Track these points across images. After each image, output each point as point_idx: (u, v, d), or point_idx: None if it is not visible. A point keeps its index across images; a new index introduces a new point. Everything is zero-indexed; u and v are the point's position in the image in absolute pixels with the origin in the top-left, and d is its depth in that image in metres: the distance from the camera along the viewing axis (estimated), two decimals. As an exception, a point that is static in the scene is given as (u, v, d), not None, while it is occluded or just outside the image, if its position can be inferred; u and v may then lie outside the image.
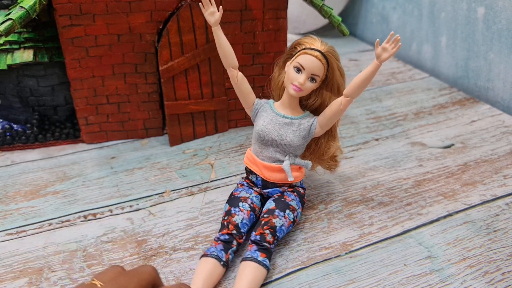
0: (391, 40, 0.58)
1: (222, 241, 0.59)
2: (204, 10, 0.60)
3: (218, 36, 0.61)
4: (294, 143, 0.63)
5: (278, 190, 0.66)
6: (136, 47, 0.80)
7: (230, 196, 0.65)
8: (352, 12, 1.49)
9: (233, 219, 0.61)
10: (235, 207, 0.63)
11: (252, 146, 0.66)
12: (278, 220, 0.60)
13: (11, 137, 0.84)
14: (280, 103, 0.64)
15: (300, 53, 0.60)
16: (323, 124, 0.63)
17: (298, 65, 0.60)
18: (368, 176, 0.77)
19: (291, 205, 0.63)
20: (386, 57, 0.58)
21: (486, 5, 1.02)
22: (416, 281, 0.57)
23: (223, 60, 0.62)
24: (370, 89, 1.09)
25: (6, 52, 0.82)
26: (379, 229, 0.66)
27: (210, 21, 0.61)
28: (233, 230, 0.60)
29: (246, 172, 0.68)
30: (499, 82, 1.02)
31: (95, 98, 0.82)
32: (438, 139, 0.88)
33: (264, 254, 0.57)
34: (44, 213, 0.69)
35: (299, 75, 0.60)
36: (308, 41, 0.61)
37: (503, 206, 0.70)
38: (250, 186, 0.67)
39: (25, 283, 0.57)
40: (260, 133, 0.63)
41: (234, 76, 0.63)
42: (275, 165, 0.64)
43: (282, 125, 0.62)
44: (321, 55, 0.60)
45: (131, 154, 0.84)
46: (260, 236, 0.59)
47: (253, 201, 0.64)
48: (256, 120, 0.65)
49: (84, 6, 0.75)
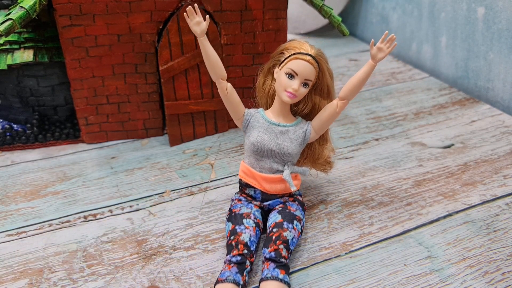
0: (386, 39, 0.57)
1: (235, 263, 0.55)
2: (189, 20, 0.57)
3: (205, 47, 0.58)
4: (292, 152, 0.61)
5: (279, 201, 0.64)
6: (136, 47, 0.80)
7: (230, 214, 0.62)
8: (352, 12, 1.49)
9: (241, 238, 0.57)
10: (239, 225, 0.59)
11: (246, 159, 0.64)
12: (288, 233, 0.58)
13: (11, 137, 0.84)
14: (272, 112, 0.62)
15: (291, 59, 0.58)
16: (318, 128, 0.62)
17: (290, 71, 0.58)
18: (368, 176, 0.77)
19: (297, 216, 0.61)
20: (381, 57, 0.58)
21: (486, 5, 1.02)
22: (416, 281, 0.57)
23: (212, 72, 0.59)
24: (370, 89, 1.09)
25: (6, 52, 0.82)
26: (379, 229, 0.66)
27: (196, 31, 0.57)
28: (244, 250, 0.56)
29: (242, 186, 0.65)
30: (499, 82, 1.02)
31: (95, 98, 0.83)
32: (438, 139, 0.88)
33: (283, 271, 0.55)
34: (44, 214, 0.69)
35: (293, 81, 0.58)
36: (296, 45, 0.59)
37: (503, 206, 0.70)
38: (248, 200, 0.64)
39: (25, 284, 0.57)
40: (256, 144, 0.60)
41: (223, 88, 0.60)
42: (275, 176, 0.62)
43: (279, 134, 0.61)
44: (312, 59, 0.58)
45: (131, 154, 0.84)
46: (275, 253, 0.56)
47: (256, 216, 0.62)
48: (248, 131, 0.62)
49: (84, 6, 0.75)
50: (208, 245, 0.63)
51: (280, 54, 0.61)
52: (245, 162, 0.64)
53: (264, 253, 0.57)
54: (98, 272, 0.59)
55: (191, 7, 0.56)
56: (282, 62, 0.60)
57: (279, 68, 0.60)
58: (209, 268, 0.60)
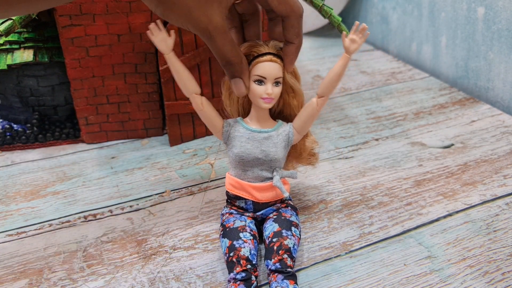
0: (357, 30, 0.55)
1: (241, 280, 0.54)
2: (154, 37, 0.54)
3: (174, 63, 0.56)
4: (279, 156, 0.59)
5: (272, 209, 0.62)
6: (136, 47, 0.80)
7: (224, 229, 0.59)
8: (352, 12, 1.49)
9: (241, 253, 0.55)
10: (236, 240, 0.57)
11: (232, 171, 0.62)
12: (289, 240, 0.57)
13: (11, 137, 0.84)
14: (251, 119, 0.60)
15: (253, 65, 0.56)
16: (300, 129, 0.60)
17: (258, 77, 0.56)
18: (368, 176, 0.77)
19: (293, 222, 0.60)
20: (354, 48, 0.56)
21: (486, 5, 1.02)
22: (416, 281, 0.57)
23: (183, 88, 0.57)
24: (370, 89, 1.09)
25: (6, 52, 0.82)
26: (379, 229, 0.66)
27: (162, 48, 0.55)
28: (247, 265, 0.54)
29: (230, 199, 0.63)
30: (499, 82, 1.02)
31: (95, 98, 0.83)
32: (438, 139, 0.88)
33: (292, 281, 0.54)
34: (44, 214, 0.69)
35: (264, 86, 0.57)
36: (252, 49, 0.57)
37: (503, 206, 0.70)
38: (240, 212, 0.62)
39: (25, 284, 0.57)
40: (240, 155, 0.59)
41: (198, 103, 0.58)
42: (265, 184, 0.60)
43: (262, 140, 0.59)
44: (273, 56, 0.56)
45: (131, 154, 0.84)
46: (280, 263, 0.55)
47: (251, 228, 0.60)
48: (230, 143, 0.60)
49: (84, 6, 0.75)
50: (208, 244, 0.63)
51: None
52: (231, 174, 0.62)
53: (268, 265, 0.56)
54: (98, 272, 0.59)
55: (154, 24, 0.54)
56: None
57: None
58: (209, 268, 0.60)
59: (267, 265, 0.56)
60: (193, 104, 0.58)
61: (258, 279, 0.56)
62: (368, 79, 1.14)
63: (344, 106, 1.01)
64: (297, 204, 0.71)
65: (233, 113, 0.63)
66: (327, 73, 0.58)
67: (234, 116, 0.63)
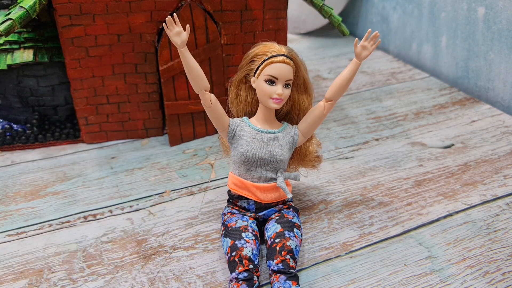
0: (369, 37, 0.56)
1: (243, 280, 0.54)
2: (169, 30, 0.54)
3: (187, 58, 0.55)
4: (284, 158, 0.60)
5: (274, 210, 0.62)
6: (136, 47, 0.80)
7: (226, 228, 0.59)
8: (352, 12, 1.49)
9: (243, 253, 0.55)
10: (239, 239, 0.57)
11: (236, 170, 0.62)
12: (291, 241, 0.57)
13: (11, 137, 0.84)
14: (257, 119, 0.61)
15: (266, 64, 0.57)
16: (305, 132, 0.61)
17: (270, 77, 0.57)
18: (368, 176, 0.77)
19: (295, 223, 0.60)
20: (366, 55, 0.57)
21: (486, 5, 1.02)
22: (416, 281, 0.57)
23: (194, 83, 0.57)
24: (370, 89, 1.09)
25: (6, 52, 0.82)
26: (379, 229, 0.66)
27: (177, 42, 0.55)
28: (249, 265, 0.54)
29: (232, 198, 0.63)
30: (499, 82, 1.02)
31: (95, 98, 0.82)
32: (438, 139, 0.88)
33: (295, 281, 0.54)
34: (44, 214, 0.69)
35: (275, 87, 0.57)
36: (266, 49, 0.58)
37: (503, 206, 0.70)
38: (242, 212, 0.62)
39: (25, 284, 0.57)
40: (246, 154, 0.59)
41: (207, 100, 0.57)
42: (269, 185, 0.60)
43: (268, 141, 0.59)
44: (287, 58, 0.57)
45: (131, 154, 0.84)
46: (283, 264, 0.55)
47: (253, 228, 0.60)
48: (235, 142, 0.60)
49: (84, 6, 0.75)
50: (208, 244, 0.63)
51: (250, 62, 0.59)
52: (234, 173, 0.62)
53: (270, 266, 0.56)
54: (98, 272, 0.59)
55: (170, 17, 0.54)
56: (256, 70, 0.58)
57: (256, 77, 0.58)
58: (209, 268, 0.60)
59: (269, 266, 0.56)
60: (202, 100, 0.58)
61: (259, 280, 0.56)
62: (368, 79, 1.14)
63: (344, 106, 1.01)
64: (297, 204, 0.71)
65: (240, 113, 0.63)
66: (336, 77, 0.59)
67: (240, 115, 0.63)
